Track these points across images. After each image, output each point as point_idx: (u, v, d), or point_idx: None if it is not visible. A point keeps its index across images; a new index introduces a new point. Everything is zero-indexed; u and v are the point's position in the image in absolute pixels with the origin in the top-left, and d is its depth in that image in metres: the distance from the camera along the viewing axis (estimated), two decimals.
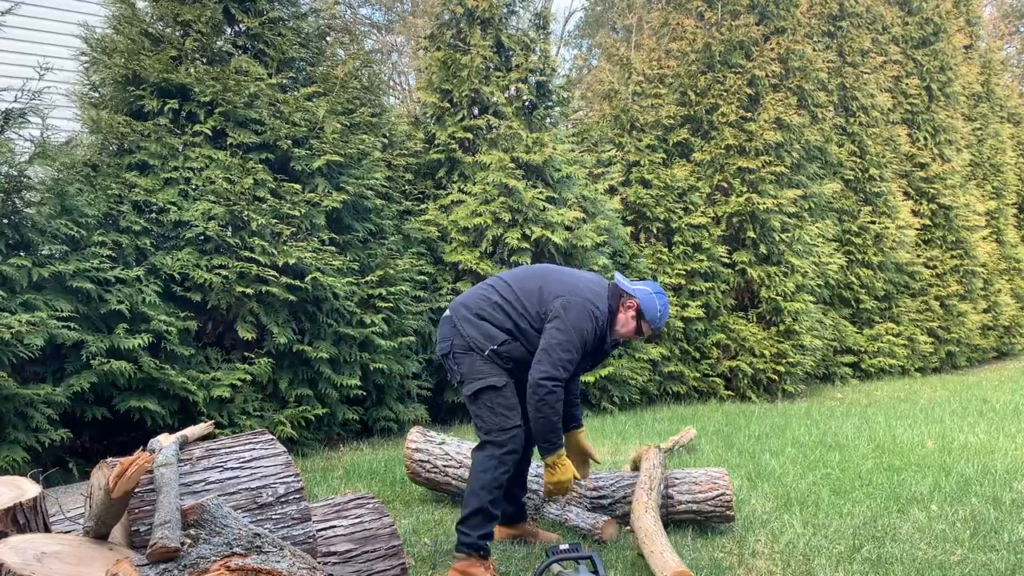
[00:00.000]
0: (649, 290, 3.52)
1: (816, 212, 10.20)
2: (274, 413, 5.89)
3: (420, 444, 4.47)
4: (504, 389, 3.38)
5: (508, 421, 3.37)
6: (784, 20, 10.03)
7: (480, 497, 3.34)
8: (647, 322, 3.50)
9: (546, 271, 3.63)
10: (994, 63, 15.06)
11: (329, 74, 7.05)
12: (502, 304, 3.45)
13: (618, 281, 3.55)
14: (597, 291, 3.47)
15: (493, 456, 3.37)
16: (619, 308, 3.50)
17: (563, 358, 3.29)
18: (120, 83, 6.16)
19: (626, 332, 3.54)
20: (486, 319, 3.43)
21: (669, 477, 4.14)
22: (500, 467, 3.36)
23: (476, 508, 3.34)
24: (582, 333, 3.33)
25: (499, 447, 3.37)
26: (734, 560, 3.64)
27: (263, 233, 5.97)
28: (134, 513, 2.32)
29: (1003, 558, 3.63)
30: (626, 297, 3.50)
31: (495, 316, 3.43)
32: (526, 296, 3.45)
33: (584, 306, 3.36)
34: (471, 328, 3.43)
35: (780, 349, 9.09)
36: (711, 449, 6.05)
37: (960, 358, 12.30)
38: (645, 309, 3.47)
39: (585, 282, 3.52)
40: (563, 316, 3.33)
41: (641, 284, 3.57)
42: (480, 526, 3.33)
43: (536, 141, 7.81)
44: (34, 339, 4.70)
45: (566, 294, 3.40)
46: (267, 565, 1.89)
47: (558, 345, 3.30)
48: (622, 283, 3.53)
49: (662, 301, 3.52)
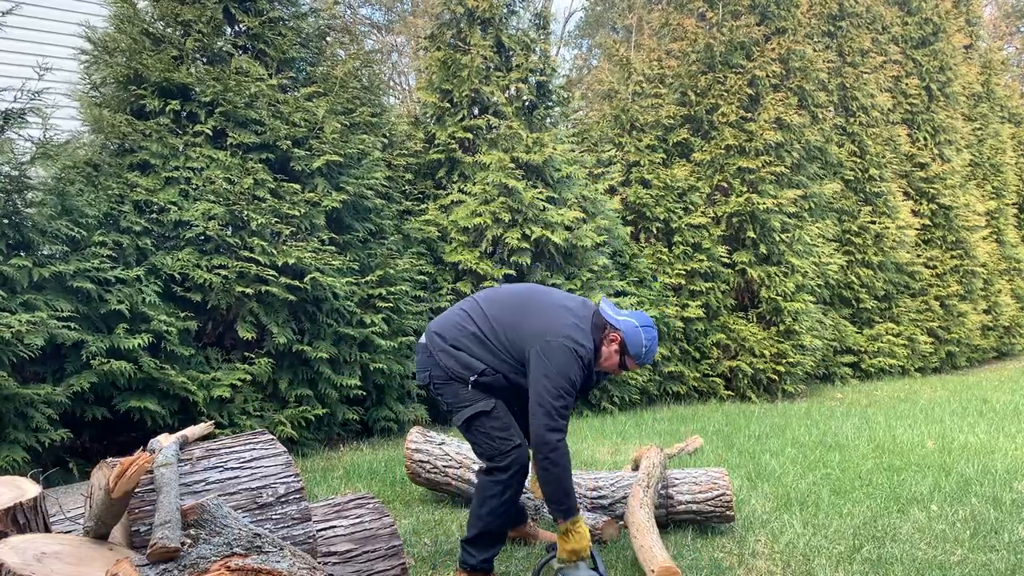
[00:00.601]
0: (635, 323, 3.23)
1: (816, 212, 10.20)
2: (274, 413, 5.89)
3: (420, 444, 4.47)
4: (494, 411, 3.21)
5: (506, 443, 3.21)
6: (785, 20, 10.03)
7: (487, 522, 3.24)
8: (631, 357, 3.23)
9: (525, 300, 3.33)
10: (994, 63, 15.05)
11: (329, 74, 7.05)
12: (480, 336, 3.23)
13: (603, 311, 3.27)
14: (580, 326, 3.20)
15: (499, 482, 3.22)
16: (602, 341, 3.23)
17: (557, 407, 3.04)
18: (121, 82, 6.16)
19: (608, 366, 3.28)
20: (463, 350, 3.23)
21: (669, 477, 4.14)
22: (507, 491, 3.22)
23: (482, 530, 3.25)
24: (569, 376, 3.08)
25: (504, 471, 3.21)
26: (734, 560, 3.64)
27: (263, 233, 5.98)
28: (134, 513, 2.32)
29: (1003, 558, 3.63)
30: (610, 329, 3.23)
31: (472, 348, 3.23)
32: (504, 330, 3.21)
33: (566, 347, 3.10)
34: (448, 359, 3.24)
35: (780, 349, 9.09)
36: (711, 449, 6.05)
37: (960, 358, 12.30)
38: (629, 344, 3.21)
39: (565, 315, 3.22)
40: (546, 363, 3.07)
41: (627, 315, 3.27)
42: (485, 549, 3.27)
43: (536, 141, 7.81)
44: (34, 339, 4.70)
45: (546, 334, 3.12)
46: (267, 565, 1.89)
47: (548, 394, 3.04)
48: (607, 314, 3.25)
49: (649, 335, 3.23)
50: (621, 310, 3.32)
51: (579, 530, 3.07)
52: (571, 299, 3.38)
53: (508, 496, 3.23)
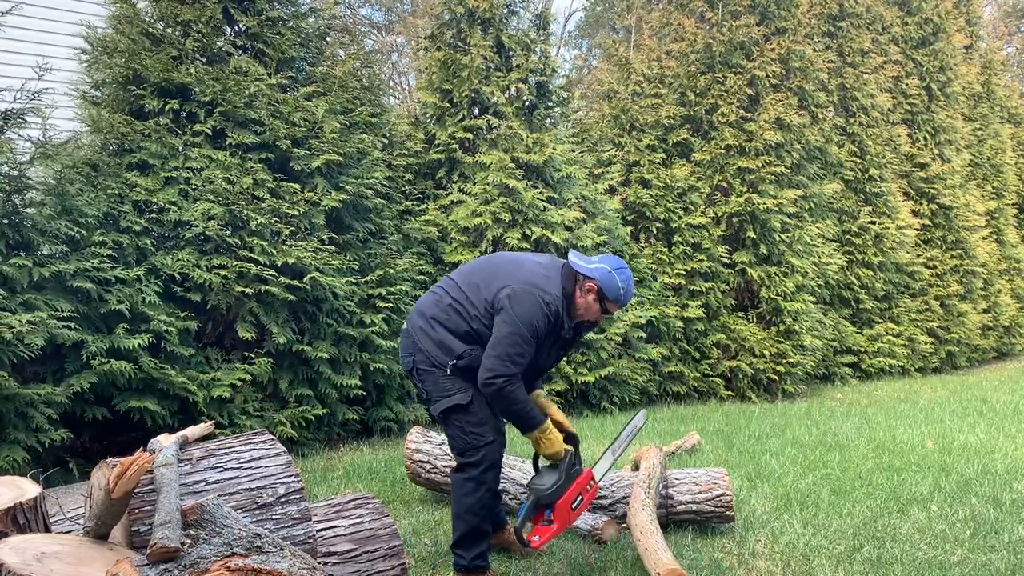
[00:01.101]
0: (607, 267, 3.24)
1: (816, 212, 10.20)
2: (274, 413, 5.88)
3: (420, 444, 4.47)
4: (471, 406, 3.22)
5: (480, 439, 3.23)
6: (785, 21, 10.03)
7: (467, 521, 3.27)
8: (611, 302, 3.25)
9: (493, 262, 3.39)
10: (994, 63, 15.05)
11: (329, 74, 7.05)
12: (455, 306, 3.25)
13: (572, 262, 3.27)
14: (547, 275, 3.23)
15: (472, 478, 3.26)
16: (577, 291, 3.24)
17: (510, 352, 3.07)
18: (120, 83, 6.16)
19: (592, 316, 3.29)
20: (441, 323, 3.25)
21: (669, 477, 4.14)
22: (480, 488, 3.26)
23: (465, 531, 3.27)
24: (531, 323, 3.10)
25: (475, 467, 3.25)
26: (734, 560, 3.64)
27: (263, 233, 5.98)
28: (134, 513, 2.32)
29: (1003, 558, 3.63)
30: (583, 279, 3.23)
31: (450, 320, 3.24)
32: (474, 293, 3.24)
33: (531, 294, 3.12)
34: (428, 342, 3.26)
35: (780, 349, 9.08)
36: (711, 449, 6.05)
37: (960, 358, 12.30)
38: (606, 289, 3.21)
39: (533, 267, 3.27)
40: (508, 308, 3.11)
41: (597, 261, 3.28)
42: (473, 547, 3.28)
43: (536, 141, 7.81)
44: (34, 339, 4.70)
45: (511, 283, 3.17)
46: (267, 565, 1.89)
47: (505, 339, 3.08)
48: (576, 264, 3.25)
49: (623, 276, 3.24)
50: (591, 258, 3.33)
51: (549, 436, 3.21)
52: (541, 256, 3.44)
53: (483, 493, 3.26)
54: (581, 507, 3.34)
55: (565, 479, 3.24)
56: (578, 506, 3.31)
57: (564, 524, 3.29)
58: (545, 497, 3.22)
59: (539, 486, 3.24)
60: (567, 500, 3.26)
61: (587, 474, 3.37)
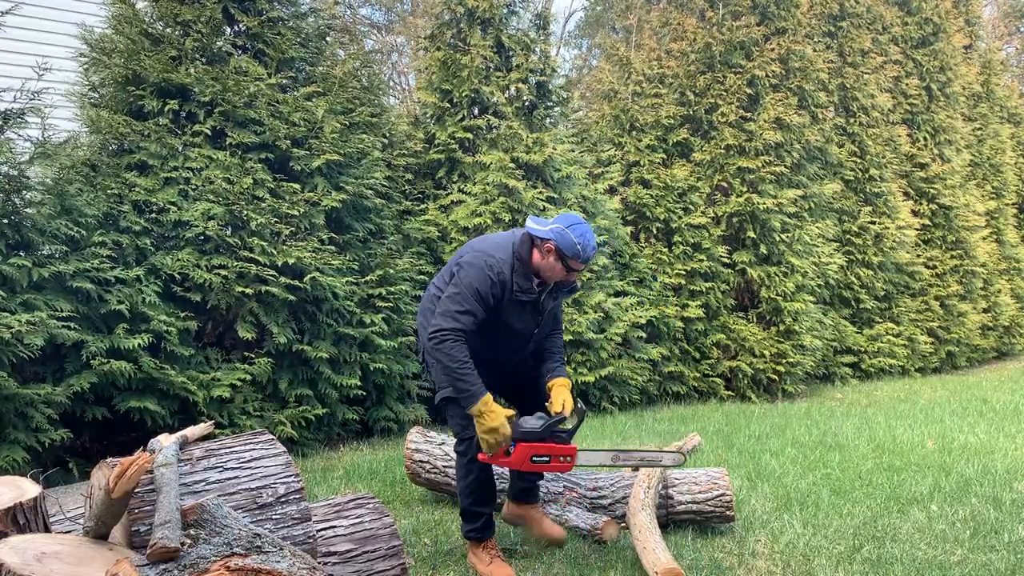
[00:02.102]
0: (561, 227, 3.29)
1: (816, 212, 10.20)
2: (274, 413, 5.89)
3: (420, 444, 4.47)
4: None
5: (466, 431, 3.40)
6: (785, 20, 10.03)
7: (462, 501, 3.56)
8: (571, 258, 3.29)
9: (467, 243, 3.57)
10: (994, 63, 15.05)
11: (329, 74, 7.05)
12: (436, 293, 3.47)
13: (528, 227, 3.36)
14: (499, 243, 3.38)
15: (461, 464, 3.51)
16: (535, 254, 3.34)
17: (451, 309, 3.22)
18: (120, 83, 6.16)
19: (557, 275, 3.36)
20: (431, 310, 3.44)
21: (669, 477, 4.14)
22: (469, 473, 3.48)
23: (462, 510, 3.57)
24: (471, 285, 3.23)
25: (463, 455, 3.48)
26: (734, 560, 3.64)
27: (262, 233, 5.97)
28: (134, 513, 2.32)
29: (1003, 558, 3.63)
30: (541, 241, 3.31)
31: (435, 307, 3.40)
32: (446, 274, 3.45)
33: (478, 258, 3.29)
34: (423, 331, 3.47)
35: (780, 349, 9.08)
36: (711, 449, 6.05)
37: (960, 358, 12.30)
38: (562, 246, 3.27)
39: (491, 239, 3.46)
40: (458, 274, 3.31)
41: (553, 222, 3.34)
42: (470, 522, 3.54)
43: (536, 141, 7.81)
44: (34, 339, 4.70)
45: (466, 253, 3.36)
46: (267, 565, 1.89)
47: (448, 298, 3.27)
48: (533, 230, 3.33)
49: (577, 232, 3.27)
50: (547, 220, 3.39)
51: (491, 410, 3.20)
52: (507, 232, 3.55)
53: (472, 478, 3.47)
54: (541, 467, 3.35)
55: (543, 431, 3.29)
56: (539, 463, 3.32)
57: (515, 464, 3.32)
58: (516, 434, 3.29)
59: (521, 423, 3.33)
60: (531, 448, 3.29)
61: (569, 448, 3.35)
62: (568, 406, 3.39)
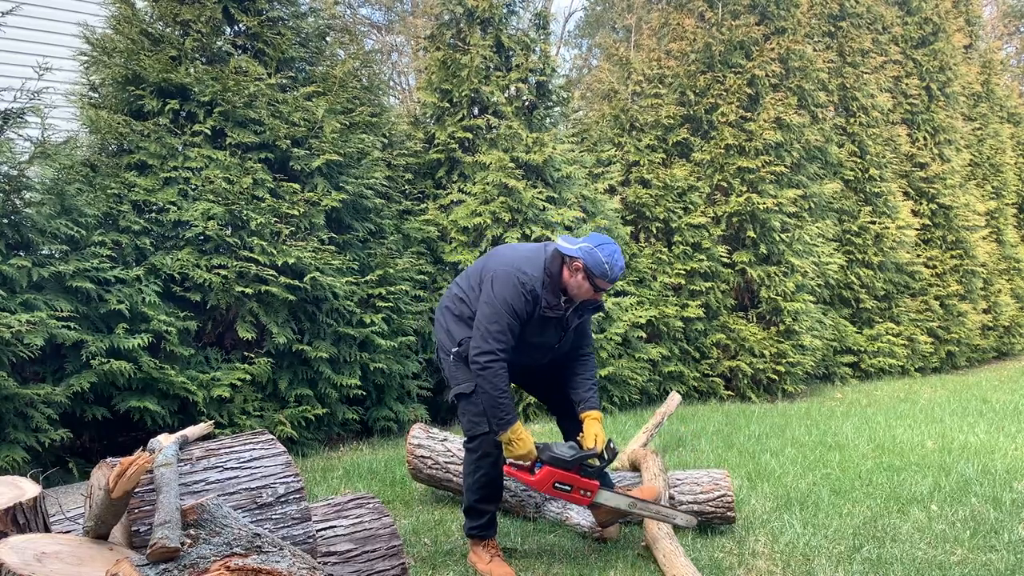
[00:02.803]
0: (590, 245, 3.32)
1: (816, 212, 10.20)
2: (274, 413, 5.88)
3: (423, 440, 4.47)
4: (472, 396, 3.40)
5: (477, 428, 3.41)
6: (785, 20, 10.02)
7: (467, 497, 3.56)
8: (599, 278, 3.32)
9: (493, 251, 3.58)
10: (994, 63, 15.05)
11: (328, 74, 7.04)
12: (460, 296, 3.50)
13: (558, 244, 3.39)
14: (530, 257, 3.38)
15: (470, 461, 3.51)
16: (564, 271, 3.37)
17: (491, 330, 3.24)
18: (120, 83, 6.15)
19: (585, 294, 3.39)
20: (451, 312, 3.51)
21: (671, 478, 4.14)
22: (477, 470, 3.47)
23: (466, 506, 3.57)
24: (506, 301, 3.25)
25: (473, 452, 3.49)
26: (734, 560, 3.64)
27: (262, 233, 5.97)
28: (134, 513, 2.32)
29: (1003, 558, 3.63)
30: (570, 259, 3.35)
31: (454, 309, 3.50)
32: (473, 279, 3.47)
33: (509, 274, 3.29)
34: (439, 330, 3.55)
35: (780, 349, 9.08)
36: (711, 449, 6.05)
37: (960, 358, 12.30)
38: (591, 266, 3.30)
39: (521, 252, 3.44)
40: (490, 289, 3.30)
41: (582, 241, 3.37)
42: (473, 519, 3.54)
43: (536, 141, 7.81)
44: (34, 339, 4.70)
45: (496, 267, 3.36)
46: (267, 565, 1.89)
47: (484, 317, 3.27)
48: (563, 248, 3.36)
49: (606, 252, 3.31)
50: (576, 239, 3.43)
51: (520, 438, 3.33)
52: (534, 245, 3.57)
53: (481, 475, 3.47)
54: (561, 494, 3.41)
55: (572, 462, 3.35)
56: (559, 491, 3.40)
57: (536, 486, 3.41)
58: (545, 456, 3.36)
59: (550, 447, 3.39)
60: (557, 473, 3.36)
61: (591, 483, 3.42)
62: (600, 442, 3.44)
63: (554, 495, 3.43)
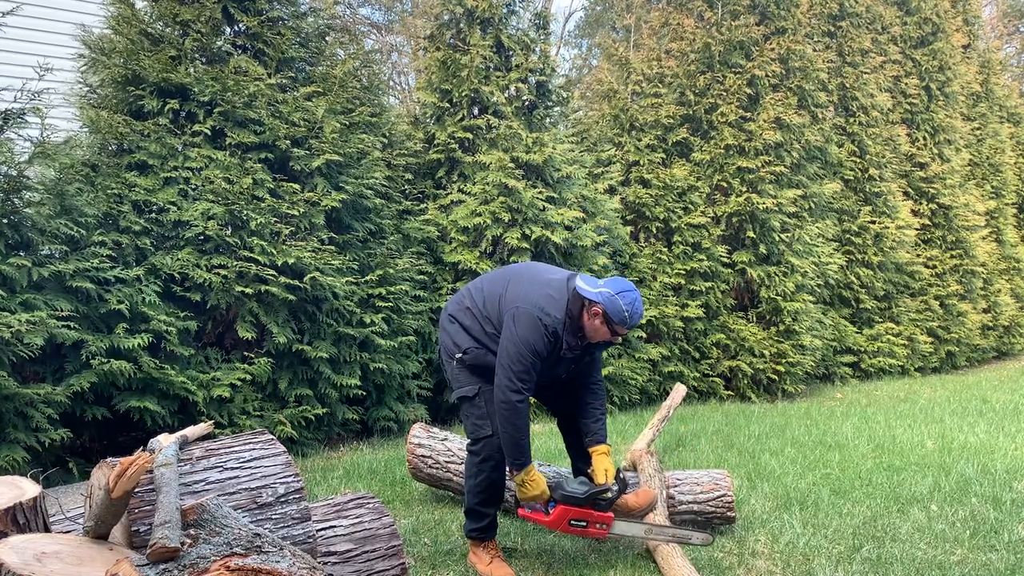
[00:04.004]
0: (610, 291, 3.31)
1: (816, 212, 10.20)
2: (274, 413, 5.88)
3: (423, 440, 4.47)
4: (476, 399, 3.45)
5: (480, 431, 3.45)
6: (784, 20, 10.03)
7: (469, 498, 3.56)
8: (617, 324, 3.33)
9: (514, 275, 3.55)
10: (993, 63, 15.05)
11: (328, 74, 7.04)
12: (471, 310, 3.51)
13: (579, 287, 3.36)
14: (555, 297, 3.36)
15: (473, 464, 3.52)
16: (584, 314, 3.36)
17: (515, 370, 3.27)
18: (119, 83, 6.15)
19: (602, 336, 3.40)
20: (456, 321, 3.53)
21: (670, 478, 4.14)
22: (480, 473, 3.48)
23: (467, 508, 3.58)
24: (528, 342, 3.27)
25: (475, 455, 3.50)
26: (734, 560, 3.64)
27: (262, 233, 5.97)
28: (134, 513, 2.32)
29: (1003, 558, 3.63)
30: (589, 303, 3.34)
31: (463, 321, 3.52)
32: (491, 301, 3.47)
33: (532, 315, 3.29)
34: (444, 334, 3.58)
35: (780, 349, 9.08)
36: (711, 449, 6.05)
37: (960, 358, 12.30)
38: (610, 313, 3.30)
39: (543, 288, 3.40)
40: (512, 327, 3.31)
41: (603, 285, 3.36)
42: (473, 521, 3.55)
43: (536, 141, 7.80)
44: (34, 338, 4.70)
45: (520, 303, 3.34)
46: (267, 565, 1.89)
47: (508, 357, 3.29)
48: (582, 289, 3.35)
49: (627, 300, 3.31)
50: (598, 280, 3.42)
51: (533, 479, 3.38)
52: (556, 275, 3.52)
53: (483, 478, 3.48)
54: (578, 531, 3.44)
55: (585, 499, 3.40)
56: (577, 526, 3.42)
57: (553, 525, 3.44)
58: (558, 495, 3.40)
59: (562, 484, 3.43)
60: (571, 511, 3.39)
61: (606, 516, 3.44)
62: (611, 476, 3.47)
63: (570, 532, 3.46)
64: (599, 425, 3.58)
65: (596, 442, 3.56)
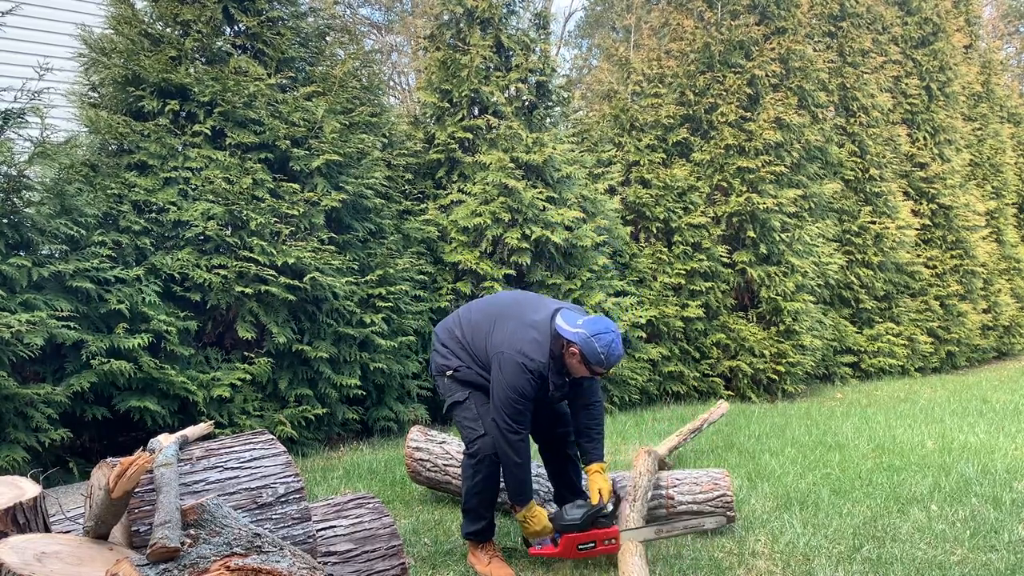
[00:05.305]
0: (587, 333, 3.31)
1: (816, 212, 10.20)
2: (274, 413, 5.88)
3: (421, 443, 4.47)
4: (466, 402, 3.56)
5: (473, 432, 3.53)
6: (785, 20, 10.02)
7: (466, 500, 3.61)
8: (595, 365, 3.34)
9: (500, 313, 3.58)
10: (994, 63, 15.05)
11: (328, 74, 7.04)
12: (460, 341, 3.63)
13: (557, 327, 3.38)
14: (539, 340, 3.38)
15: (469, 465, 3.57)
16: (565, 353, 3.39)
17: (510, 413, 3.35)
18: (119, 83, 6.15)
19: (583, 373, 3.44)
20: (447, 347, 3.66)
21: (670, 478, 4.14)
22: (476, 474, 3.53)
23: (465, 508, 3.63)
24: (516, 388, 3.34)
25: (472, 457, 3.54)
26: (734, 560, 3.64)
27: (262, 233, 5.97)
28: (134, 513, 2.32)
29: (1003, 558, 3.63)
30: (567, 343, 3.36)
31: (454, 348, 3.63)
32: (476, 337, 3.57)
33: (516, 362, 3.34)
34: (436, 355, 3.71)
35: (780, 349, 9.08)
36: (711, 449, 6.05)
37: (960, 358, 12.30)
38: (587, 355, 3.32)
39: (527, 332, 3.41)
40: (500, 374, 3.38)
41: (582, 324, 3.35)
42: (471, 523, 3.59)
43: (536, 141, 7.80)
44: (34, 338, 4.70)
45: (504, 348, 3.40)
46: (267, 565, 1.89)
47: (500, 402, 3.37)
48: (561, 328, 3.37)
49: (603, 342, 3.30)
50: (578, 318, 3.42)
51: (534, 515, 3.48)
52: (541, 313, 3.51)
53: (479, 479, 3.53)
54: (590, 552, 3.47)
55: (583, 523, 3.43)
56: (586, 549, 3.45)
57: (564, 555, 3.48)
58: (558, 526, 3.46)
59: (560, 514, 3.49)
60: (577, 537, 3.43)
61: (612, 531, 3.47)
62: (607, 494, 3.50)
63: (584, 556, 3.50)
64: (594, 444, 3.63)
65: (591, 460, 3.61)
